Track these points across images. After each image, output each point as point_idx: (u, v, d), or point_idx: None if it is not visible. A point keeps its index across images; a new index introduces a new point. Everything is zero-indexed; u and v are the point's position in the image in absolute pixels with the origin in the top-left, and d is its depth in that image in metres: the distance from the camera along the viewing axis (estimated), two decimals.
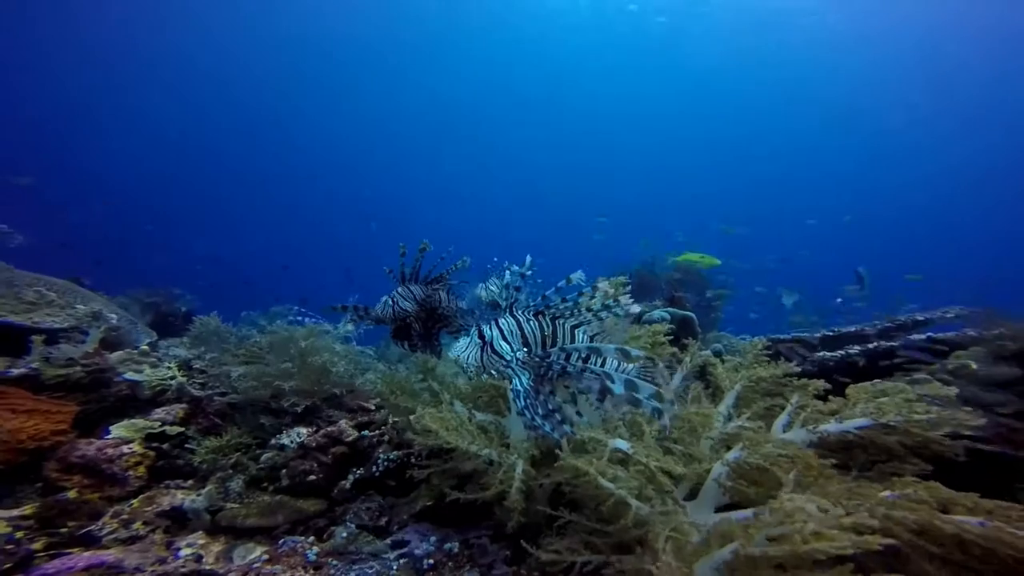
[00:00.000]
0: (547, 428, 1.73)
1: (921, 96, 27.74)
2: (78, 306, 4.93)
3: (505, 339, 1.78)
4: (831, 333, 3.52)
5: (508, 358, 1.78)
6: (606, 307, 1.77)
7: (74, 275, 7.05)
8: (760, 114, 32.57)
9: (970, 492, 1.38)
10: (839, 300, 8.64)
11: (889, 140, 32.44)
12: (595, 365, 1.77)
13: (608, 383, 1.65)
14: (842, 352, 3.04)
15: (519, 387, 1.76)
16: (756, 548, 1.23)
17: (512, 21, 27.55)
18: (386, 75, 32.97)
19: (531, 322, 1.81)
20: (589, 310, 1.79)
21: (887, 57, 26.03)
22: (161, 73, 29.85)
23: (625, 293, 1.79)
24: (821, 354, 3.03)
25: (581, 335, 1.88)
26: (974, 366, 2.65)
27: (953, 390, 1.77)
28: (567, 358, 1.76)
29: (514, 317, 1.82)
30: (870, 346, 2.98)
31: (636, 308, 1.77)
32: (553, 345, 1.83)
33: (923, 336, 2.89)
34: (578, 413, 1.78)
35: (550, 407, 1.77)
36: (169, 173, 38.33)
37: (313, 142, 39.02)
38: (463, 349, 1.80)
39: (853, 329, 3.71)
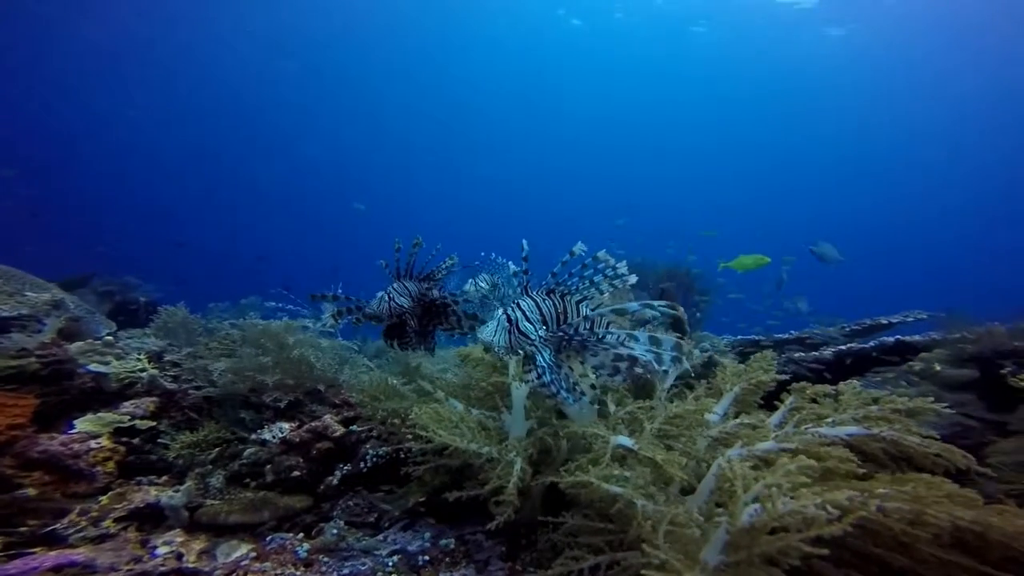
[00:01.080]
0: (570, 400, 1.84)
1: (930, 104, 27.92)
2: (28, 294, 4.64)
3: (528, 319, 1.88)
4: (804, 335, 3.67)
5: (533, 337, 1.89)
6: (607, 277, 1.88)
7: (87, 272, 6.83)
8: (760, 118, 32.75)
9: None
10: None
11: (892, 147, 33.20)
12: (603, 329, 1.89)
13: (631, 343, 1.76)
14: (816, 354, 3.18)
15: (543, 363, 1.86)
16: (744, 521, 1.30)
17: (505, 17, 27.19)
18: (387, 70, 32.00)
19: (546, 301, 1.93)
20: (592, 283, 1.90)
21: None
22: (156, 70, 28.17)
23: (621, 261, 1.89)
24: (799, 354, 3.16)
25: (585, 309, 2.00)
26: (938, 368, 2.83)
27: (948, 410, 1.84)
28: (591, 326, 1.88)
29: (531, 298, 1.92)
30: (842, 347, 3.12)
31: (633, 279, 1.89)
32: (565, 320, 1.94)
33: (892, 339, 3.06)
34: (592, 387, 1.85)
35: (571, 380, 1.89)
36: (170, 169, 37.01)
37: (316, 143, 37.90)
38: (492, 333, 1.87)
39: (819, 331, 3.89)
